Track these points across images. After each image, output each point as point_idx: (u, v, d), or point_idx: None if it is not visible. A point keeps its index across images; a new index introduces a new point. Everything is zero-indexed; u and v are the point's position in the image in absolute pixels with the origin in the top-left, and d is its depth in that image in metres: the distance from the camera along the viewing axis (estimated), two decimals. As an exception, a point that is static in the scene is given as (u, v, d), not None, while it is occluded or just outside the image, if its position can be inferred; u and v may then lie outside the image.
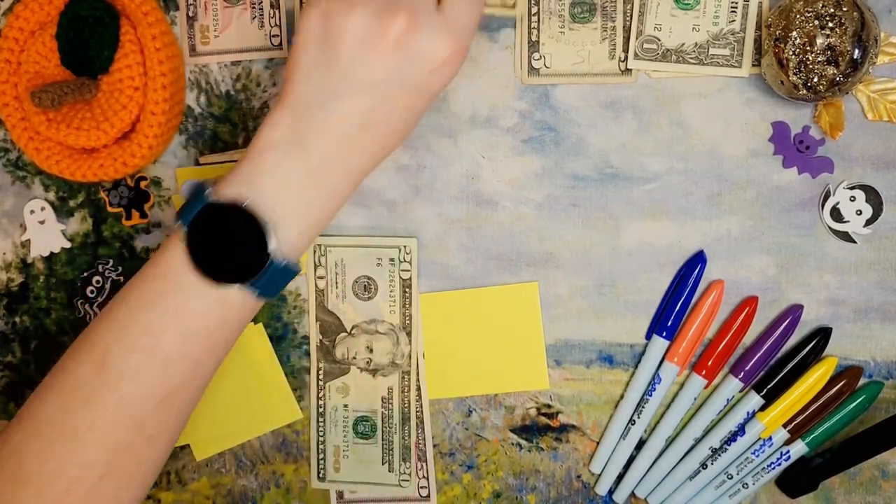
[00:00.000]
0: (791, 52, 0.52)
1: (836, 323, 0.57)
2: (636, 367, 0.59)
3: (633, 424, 0.59)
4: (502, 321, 0.59)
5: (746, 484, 0.58)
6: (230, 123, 0.60)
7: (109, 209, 0.61)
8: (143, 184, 0.61)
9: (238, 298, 0.47)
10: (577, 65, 0.57)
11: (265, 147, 0.47)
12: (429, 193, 0.59)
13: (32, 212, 0.62)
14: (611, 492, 0.61)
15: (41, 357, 0.63)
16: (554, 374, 0.60)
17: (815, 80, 0.52)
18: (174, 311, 0.47)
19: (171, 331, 0.47)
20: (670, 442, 0.59)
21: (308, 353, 0.61)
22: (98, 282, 0.62)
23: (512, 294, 0.59)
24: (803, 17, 0.51)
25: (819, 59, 0.51)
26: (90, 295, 0.62)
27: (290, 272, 0.48)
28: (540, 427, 0.60)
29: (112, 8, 0.56)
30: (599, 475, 0.60)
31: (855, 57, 0.51)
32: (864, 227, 0.56)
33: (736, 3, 0.55)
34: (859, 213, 0.56)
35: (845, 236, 0.56)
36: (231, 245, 0.46)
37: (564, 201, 0.58)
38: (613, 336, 0.59)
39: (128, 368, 0.47)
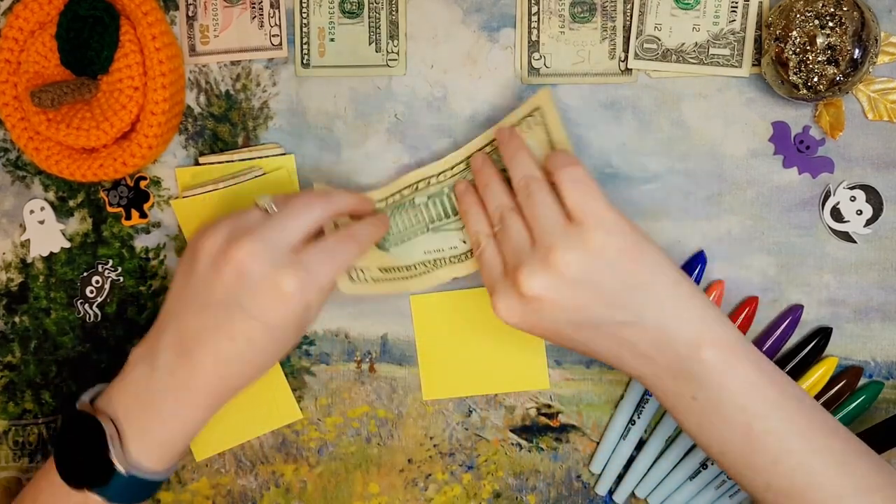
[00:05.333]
0: (791, 52, 0.52)
1: (837, 323, 0.57)
2: (636, 367, 0.59)
3: (633, 424, 0.59)
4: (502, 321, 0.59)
5: (746, 484, 0.58)
6: (230, 123, 0.60)
7: (109, 209, 0.61)
8: (142, 184, 0.61)
9: (98, 502, 0.50)
10: (577, 65, 0.57)
11: (129, 361, 0.51)
12: (429, 193, 0.59)
13: (32, 212, 0.62)
14: (611, 492, 0.61)
15: (41, 357, 0.63)
16: (554, 374, 0.60)
17: (816, 79, 0.52)
18: None
19: None
20: (670, 442, 0.59)
21: (308, 354, 0.61)
22: (98, 282, 0.62)
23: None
24: (803, 17, 0.51)
25: (819, 58, 0.51)
26: (90, 295, 0.62)
27: (144, 483, 0.50)
28: (540, 427, 0.60)
29: (112, 8, 0.56)
30: (599, 475, 0.60)
31: (855, 57, 0.51)
32: (865, 227, 0.56)
33: (736, 2, 0.55)
34: (859, 213, 0.56)
35: (845, 236, 0.56)
36: (84, 454, 0.49)
37: (564, 201, 0.58)
38: (613, 336, 0.59)
39: None
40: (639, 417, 0.58)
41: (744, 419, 0.46)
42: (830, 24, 0.51)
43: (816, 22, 0.51)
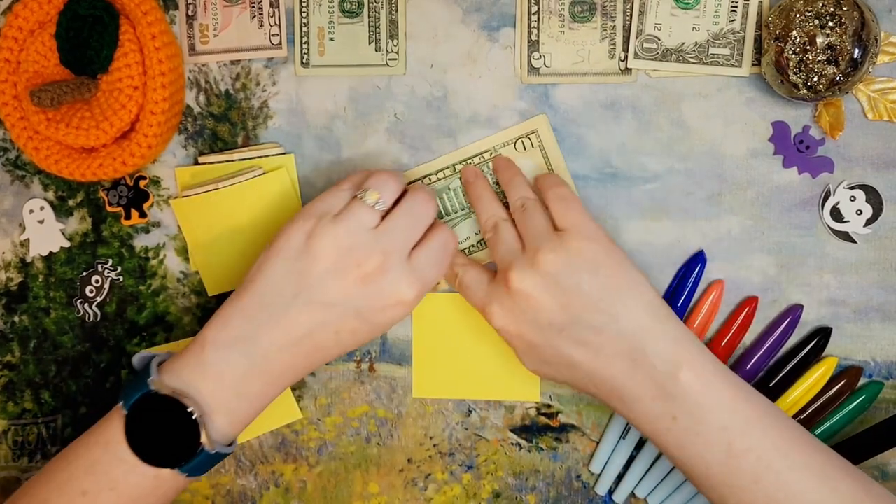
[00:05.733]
0: (791, 52, 0.52)
1: (836, 323, 0.57)
2: (636, 366, 0.59)
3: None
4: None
5: (746, 484, 0.58)
6: (229, 122, 0.60)
7: (109, 208, 0.61)
8: (142, 183, 0.61)
9: (169, 476, 0.51)
10: (577, 64, 0.57)
11: (213, 342, 0.51)
12: (428, 193, 0.59)
13: (32, 211, 0.62)
14: (611, 492, 0.60)
15: (40, 357, 0.63)
16: (554, 373, 0.59)
17: (816, 79, 0.52)
18: (109, 479, 0.50)
19: (105, 495, 0.50)
20: (670, 442, 0.59)
21: (307, 353, 0.61)
22: (97, 281, 0.62)
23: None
24: (803, 17, 0.51)
25: (819, 58, 0.51)
26: (89, 294, 0.62)
27: (220, 456, 0.51)
28: (540, 427, 0.60)
29: (111, 7, 0.56)
30: (599, 475, 0.60)
31: (855, 56, 0.51)
32: (865, 226, 0.56)
33: (736, 2, 0.55)
34: (859, 212, 0.56)
35: (845, 236, 0.56)
36: (165, 433, 0.50)
37: (564, 201, 0.58)
38: (613, 336, 0.59)
39: None
40: (638, 417, 0.58)
41: (725, 438, 0.47)
42: (830, 23, 0.51)
43: (816, 22, 0.51)
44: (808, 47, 0.51)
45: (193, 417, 0.49)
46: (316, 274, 0.50)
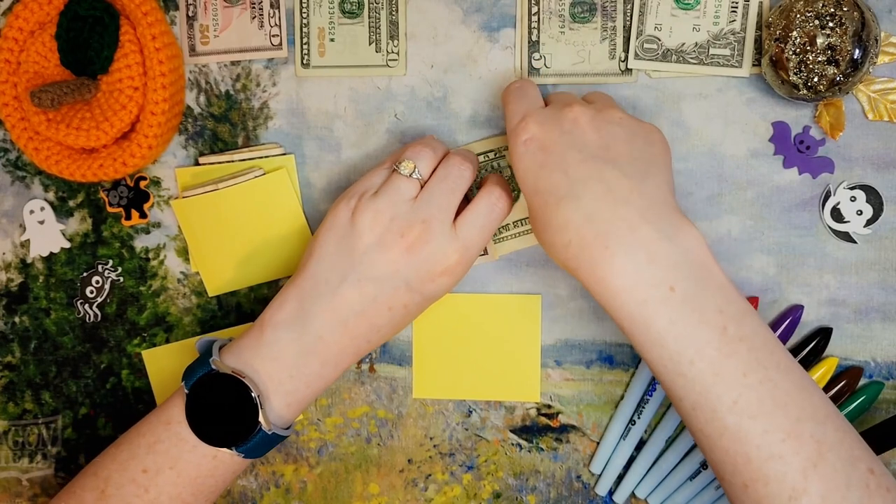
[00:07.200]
0: (791, 52, 0.52)
1: (837, 323, 0.57)
2: (636, 367, 0.59)
3: (633, 424, 0.59)
4: (501, 329, 0.59)
5: (747, 484, 0.58)
6: (230, 123, 0.60)
7: (109, 209, 0.61)
8: (142, 184, 0.61)
9: (227, 457, 0.52)
10: (577, 65, 0.57)
11: (270, 323, 0.51)
12: (429, 193, 0.59)
13: (32, 212, 0.62)
14: (611, 492, 0.60)
15: (40, 357, 0.63)
16: (554, 374, 0.60)
17: (816, 79, 0.52)
18: (169, 458, 0.51)
19: (165, 473, 0.51)
20: (670, 442, 0.59)
21: (308, 354, 0.61)
22: (98, 282, 0.62)
23: (514, 304, 0.59)
24: (804, 17, 0.51)
25: (819, 58, 0.51)
26: (90, 295, 0.62)
27: (277, 438, 0.52)
28: (540, 427, 0.60)
29: (112, 8, 0.56)
30: (599, 475, 0.60)
31: (855, 57, 0.51)
32: (865, 227, 0.56)
33: (736, 2, 0.55)
34: (860, 213, 0.56)
35: (845, 236, 0.56)
36: (224, 412, 0.51)
37: (564, 201, 0.58)
38: (613, 336, 0.59)
39: (124, 500, 0.52)
40: (639, 417, 0.58)
41: (720, 321, 0.44)
42: (830, 24, 0.51)
43: (816, 22, 0.51)
44: (808, 48, 0.51)
45: (252, 395, 0.50)
46: (362, 249, 0.51)
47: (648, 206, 0.46)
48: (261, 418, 0.50)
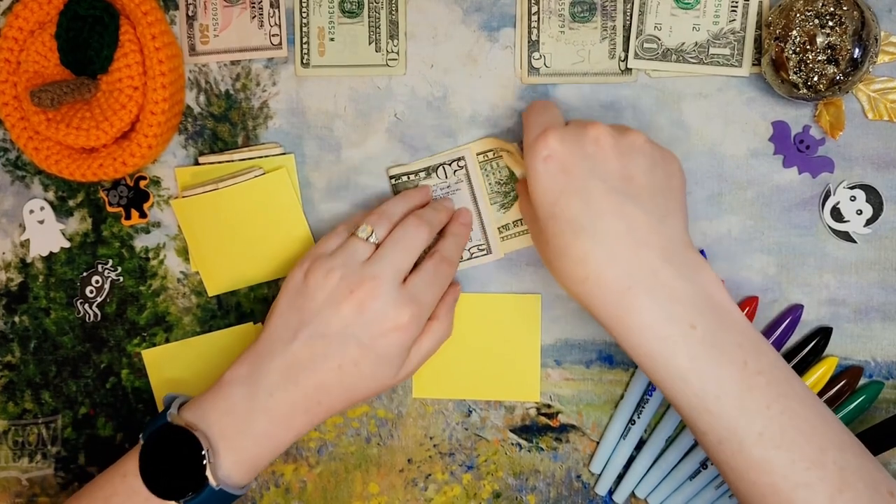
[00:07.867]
0: (791, 51, 0.52)
1: (837, 323, 0.57)
2: (636, 367, 0.59)
3: (633, 424, 0.59)
4: (501, 329, 0.59)
5: (747, 484, 0.58)
6: (229, 123, 0.60)
7: (109, 209, 0.61)
8: (142, 183, 0.61)
9: None
10: (577, 64, 0.57)
11: (227, 379, 0.53)
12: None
13: (32, 211, 0.62)
14: (611, 492, 0.60)
15: (40, 357, 0.63)
16: (554, 374, 0.59)
17: (816, 79, 0.52)
18: None
19: None
20: (670, 442, 0.59)
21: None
22: (97, 282, 0.62)
23: (514, 304, 0.59)
24: (803, 16, 0.51)
25: (819, 58, 0.51)
26: (89, 295, 0.62)
27: (228, 496, 0.52)
28: (540, 427, 0.60)
29: (111, 7, 0.56)
30: (599, 475, 0.60)
31: (855, 56, 0.51)
32: (865, 226, 0.56)
33: (736, 2, 0.55)
34: (859, 212, 0.56)
35: (845, 236, 0.56)
36: (175, 466, 0.51)
37: (564, 201, 0.58)
38: (613, 336, 0.59)
39: None
40: (639, 417, 0.58)
41: (740, 355, 0.45)
42: (830, 23, 0.51)
43: (816, 21, 0.51)
44: (808, 47, 0.51)
45: (201, 449, 0.50)
46: (314, 307, 0.52)
47: (667, 245, 0.47)
48: (208, 472, 0.50)
